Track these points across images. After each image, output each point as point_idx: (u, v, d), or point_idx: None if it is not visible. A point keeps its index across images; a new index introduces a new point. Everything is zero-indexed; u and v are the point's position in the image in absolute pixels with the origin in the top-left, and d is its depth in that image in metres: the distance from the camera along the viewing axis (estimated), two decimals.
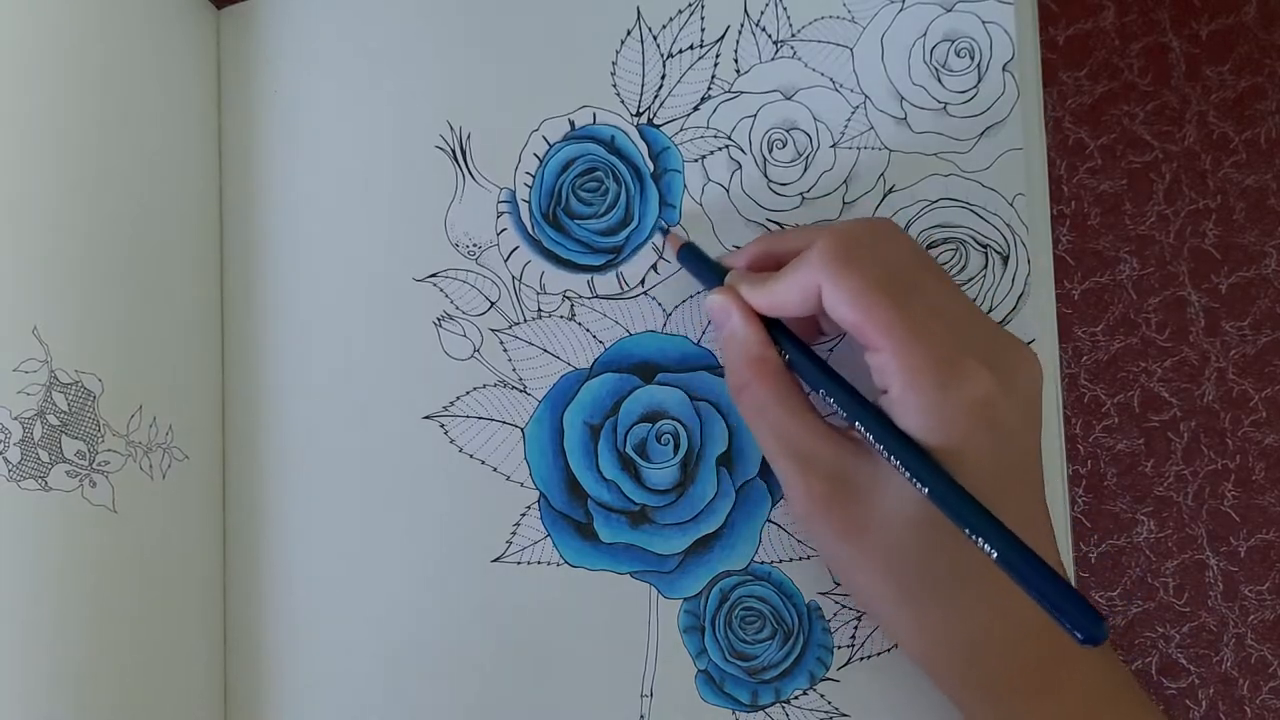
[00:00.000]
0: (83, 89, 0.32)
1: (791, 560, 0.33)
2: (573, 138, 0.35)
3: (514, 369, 0.35)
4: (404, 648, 0.35)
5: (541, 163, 0.35)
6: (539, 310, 0.35)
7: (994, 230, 0.33)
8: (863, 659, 0.33)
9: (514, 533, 0.34)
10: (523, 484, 0.34)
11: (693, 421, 0.34)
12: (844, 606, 0.33)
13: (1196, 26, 0.40)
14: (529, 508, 0.34)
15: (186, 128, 0.36)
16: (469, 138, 0.35)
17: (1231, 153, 0.39)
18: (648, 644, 0.33)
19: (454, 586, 0.34)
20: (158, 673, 0.33)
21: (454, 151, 0.35)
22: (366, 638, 0.35)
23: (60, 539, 0.30)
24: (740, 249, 0.32)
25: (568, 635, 0.34)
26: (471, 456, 0.35)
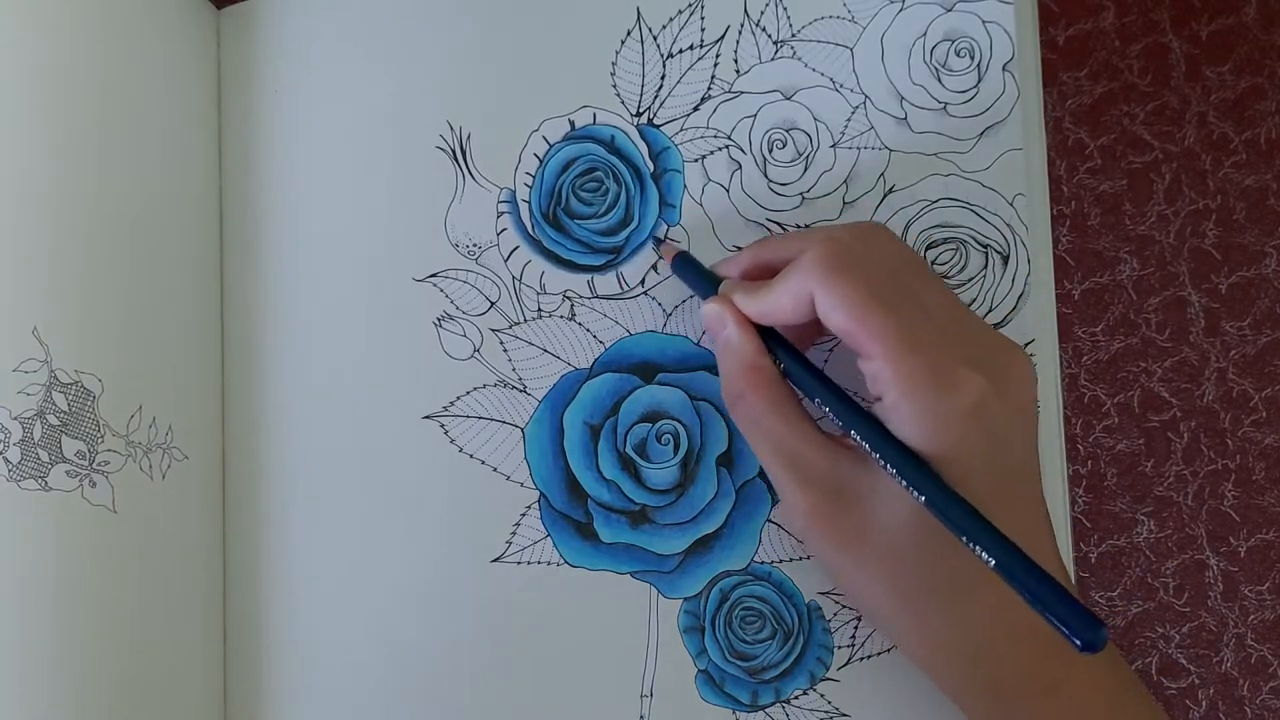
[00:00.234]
0: (83, 89, 0.32)
1: (791, 560, 0.33)
2: (573, 138, 0.35)
3: (514, 369, 0.35)
4: (404, 648, 0.35)
5: (541, 163, 0.35)
6: (539, 310, 0.35)
7: (994, 230, 0.33)
8: (863, 659, 0.33)
9: (514, 533, 0.34)
10: (523, 484, 0.34)
11: (693, 421, 0.34)
12: (844, 606, 0.33)
13: (1196, 27, 0.40)
14: (529, 508, 0.34)
15: (186, 128, 0.36)
16: (469, 138, 0.35)
17: (1231, 153, 0.39)
18: (648, 644, 0.33)
19: (454, 586, 0.34)
20: (158, 673, 0.33)
21: (454, 151, 0.35)
22: (366, 638, 0.35)
23: (60, 539, 0.30)
24: (733, 256, 0.32)
25: (568, 635, 0.34)
26: (471, 456, 0.35)
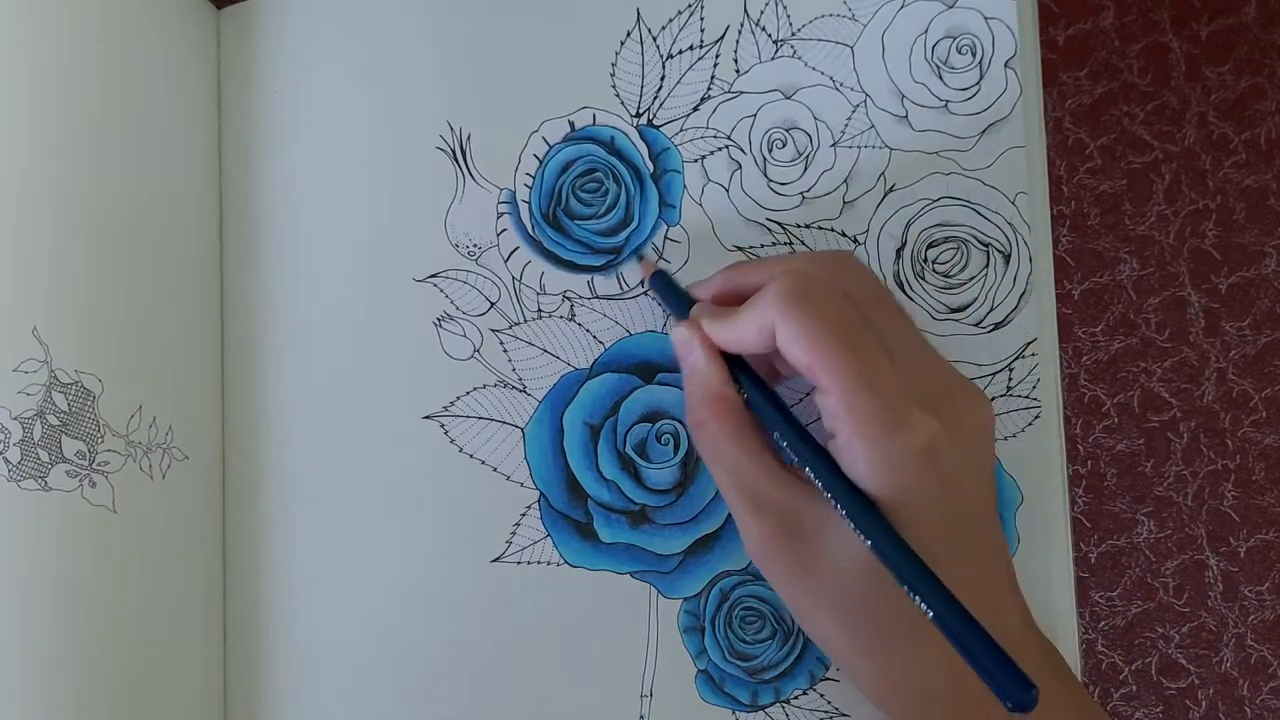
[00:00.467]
0: (83, 89, 0.32)
1: None
2: (572, 139, 0.35)
3: (514, 369, 0.35)
4: (404, 648, 0.35)
5: (541, 164, 0.35)
6: (539, 310, 0.35)
7: (995, 229, 0.33)
8: None
9: (514, 533, 0.34)
10: (523, 484, 0.34)
11: None
12: None
13: (1196, 26, 0.40)
14: (529, 508, 0.34)
15: (186, 128, 0.36)
16: (469, 138, 0.35)
17: (1231, 153, 0.39)
18: (648, 644, 0.33)
19: (454, 586, 0.34)
20: (158, 673, 0.33)
21: (454, 152, 0.35)
22: (366, 638, 0.35)
23: (60, 539, 0.30)
24: (708, 279, 0.32)
25: (567, 635, 0.34)
26: (471, 456, 0.35)
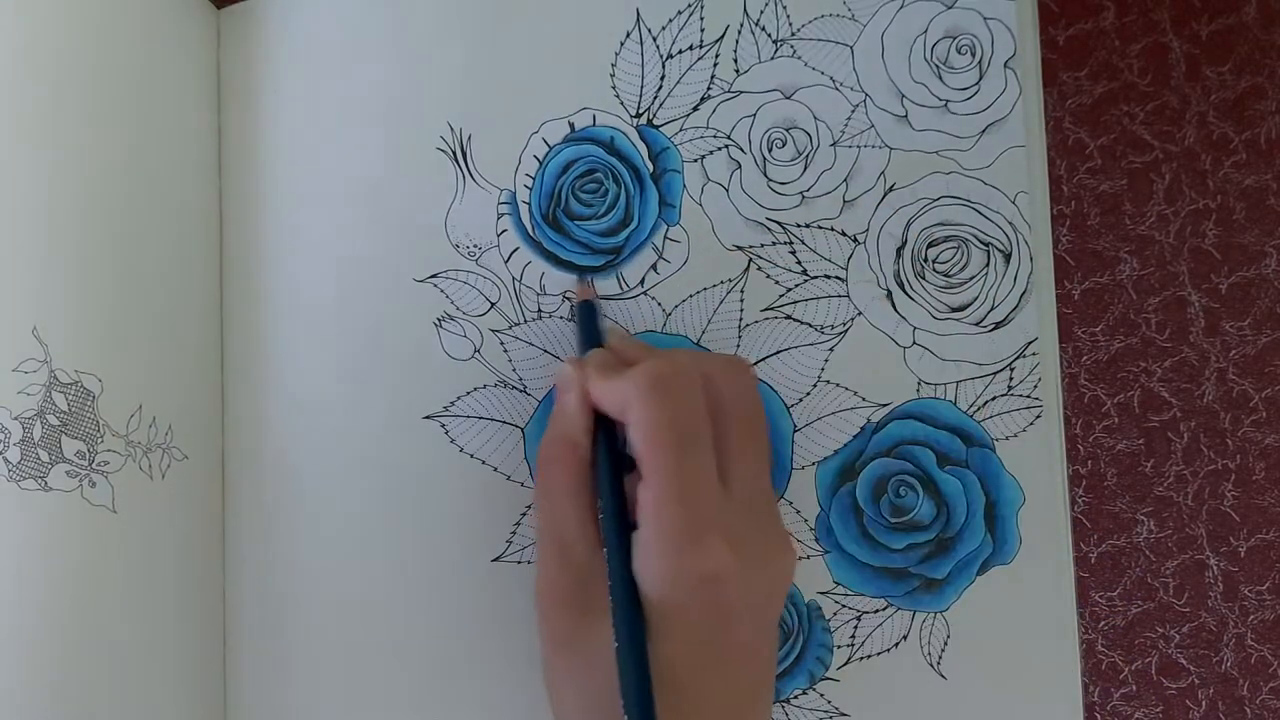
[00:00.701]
0: (82, 89, 0.32)
1: None
2: (572, 139, 0.35)
3: (514, 369, 0.35)
4: (404, 648, 0.35)
5: (541, 164, 0.35)
6: (539, 311, 0.35)
7: (996, 228, 0.33)
8: (862, 659, 0.33)
9: (514, 532, 0.34)
10: (523, 484, 0.34)
11: None
12: (844, 606, 0.33)
13: (1196, 26, 0.40)
14: (529, 507, 0.34)
15: (186, 128, 0.36)
16: (469, 139, 0.35)
17: (1231, 153, 0.39)
18: None
19: (454, 586, 0.34)
20: (158, 673, 0.33)
21: (454, 153, 0.35)
22: (366, 638, 0.35)
23: (60, 539, 0.30)
24: (624, 333, 0.33)
25: None
26: (472, 456, 0.35)
